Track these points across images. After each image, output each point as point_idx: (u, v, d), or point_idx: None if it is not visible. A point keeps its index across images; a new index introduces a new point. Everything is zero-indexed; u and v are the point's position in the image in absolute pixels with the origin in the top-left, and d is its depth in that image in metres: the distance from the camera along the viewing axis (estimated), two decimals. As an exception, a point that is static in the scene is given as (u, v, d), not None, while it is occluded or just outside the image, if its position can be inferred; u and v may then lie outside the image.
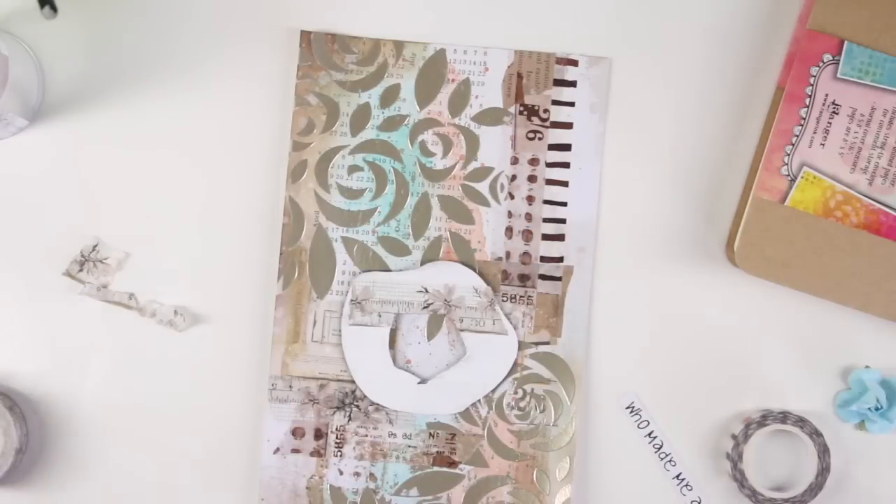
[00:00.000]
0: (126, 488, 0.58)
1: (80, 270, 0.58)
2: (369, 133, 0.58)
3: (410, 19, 0.58)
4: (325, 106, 0.58)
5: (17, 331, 0.58)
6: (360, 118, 0.58)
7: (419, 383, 0.57)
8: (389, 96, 0.58)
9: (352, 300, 0.57)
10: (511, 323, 0.57)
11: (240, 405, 0.58)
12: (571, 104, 0.58)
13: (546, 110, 0.58)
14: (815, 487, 0.56)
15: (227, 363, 0.58)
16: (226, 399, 0.58)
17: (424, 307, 0.57)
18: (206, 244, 0.58)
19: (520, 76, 0.58)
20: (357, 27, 0.58)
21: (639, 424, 0.58)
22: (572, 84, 0.58)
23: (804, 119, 0.56)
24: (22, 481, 0.58)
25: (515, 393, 0.57)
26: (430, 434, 0.57)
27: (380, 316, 0.57)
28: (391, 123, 0.58)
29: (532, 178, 0.58)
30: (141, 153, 0.58)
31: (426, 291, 0.57)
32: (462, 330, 0.57)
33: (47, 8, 0.55)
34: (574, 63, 0.58)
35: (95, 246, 0.58)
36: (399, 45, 0.58)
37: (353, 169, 0.58)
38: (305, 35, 0.58)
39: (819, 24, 0.55)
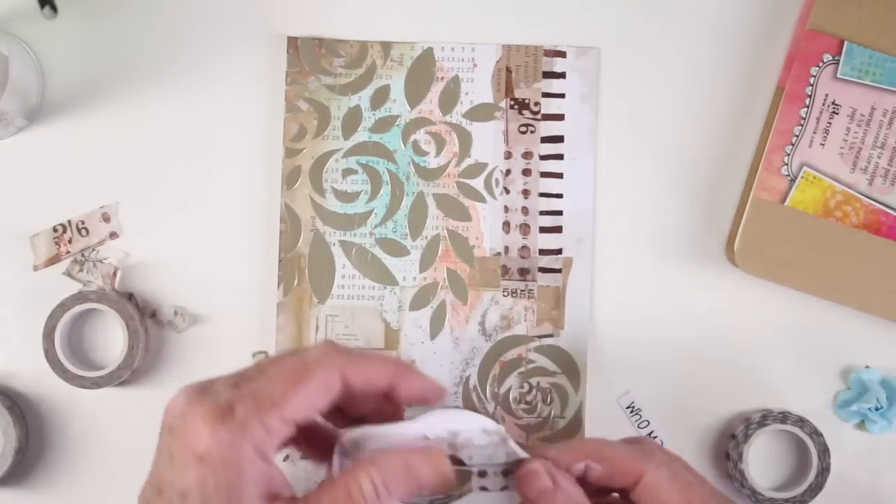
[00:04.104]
0: (126, 489, 0.57)
1: (80, 270, 0.58)
2: (361, 135, 0.58)
3: (397, 19, 0.58)
4: (316, 111, 0.58)
5: (16, 331, 0.58)
6: (352, 121, 0.58)
7: None
8: (380, 98, 0.58)
9: (341, 452, 0.45)
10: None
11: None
12: (562, 95, 0.58)
13: (537, 103, 0.58)
14: (815, 487, 0.56)
15: (232, 365, 0.58)
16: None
17: None
18: (207, 246, 0.58)
19: (508, 70, 0.58)
20: (344, 30, 0.58)
21: (639, 424, 0.57)
22: (561, 75, 0.58)
23: (804, 119, 0.56)
24: (22, 481, 0.58)
25: (521, 387, 0.57)
26: None
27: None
28: (383, 125, 0.58)
29: (527, 172, 0.58)
30: (141, 153, 0.58)
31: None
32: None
33: (47, 8, 0.55)
34: (562, 54, 0.58)
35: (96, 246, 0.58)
36: (387, 46, 0.58)
37: (348, 172, 0.58)
38: (292, 41, 0.58)
39: (819, 24, 0.55)
